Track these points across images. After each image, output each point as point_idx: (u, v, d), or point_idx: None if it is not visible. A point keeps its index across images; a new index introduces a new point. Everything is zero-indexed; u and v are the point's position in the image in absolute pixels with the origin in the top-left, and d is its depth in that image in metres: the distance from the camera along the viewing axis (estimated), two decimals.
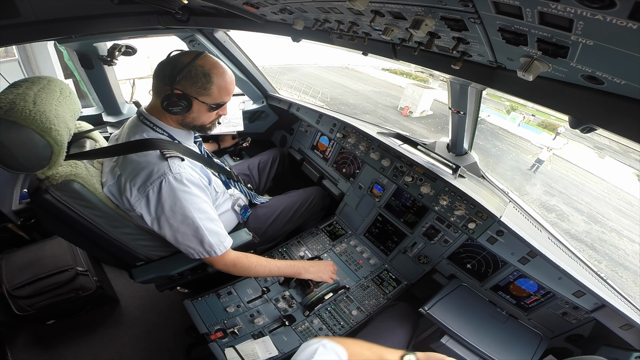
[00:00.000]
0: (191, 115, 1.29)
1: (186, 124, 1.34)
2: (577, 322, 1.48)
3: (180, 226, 1.24)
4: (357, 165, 2.26)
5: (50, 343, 1.91)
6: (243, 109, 2.59)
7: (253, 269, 1.48)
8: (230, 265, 1.41)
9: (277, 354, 1.50)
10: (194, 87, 1.21)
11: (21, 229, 2.01)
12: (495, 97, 23.15)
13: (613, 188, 18.84)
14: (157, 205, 1.20)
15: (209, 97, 1.25)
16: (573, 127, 0.77)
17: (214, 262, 1.38)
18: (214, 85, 1.24)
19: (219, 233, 1.33)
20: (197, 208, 1.25)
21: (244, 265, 1.44)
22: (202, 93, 1.23)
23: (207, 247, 1.29)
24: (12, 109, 0.94)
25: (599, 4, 0.34)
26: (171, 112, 1.23)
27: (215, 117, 1.37)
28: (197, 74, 1.20)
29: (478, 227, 1.62)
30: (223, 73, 1.26)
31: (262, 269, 1.50)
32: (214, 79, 1.23)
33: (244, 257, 1.46)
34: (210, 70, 1.22)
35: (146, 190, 1.18)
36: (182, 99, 1.21)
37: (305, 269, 1.65)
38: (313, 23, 1.09)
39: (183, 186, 1.21)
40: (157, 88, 1.26)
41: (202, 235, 1.26)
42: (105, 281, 2.16)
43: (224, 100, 1.31)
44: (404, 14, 0.69)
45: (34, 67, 3.78)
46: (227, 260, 1.39)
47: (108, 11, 1.46)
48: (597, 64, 0.51)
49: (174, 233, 1.25)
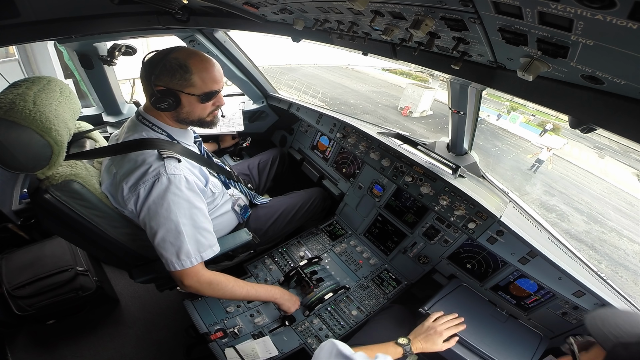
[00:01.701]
0: (184, 110, 1.27)
1: (182, 119, 1.31)
2: (577, 322, 1.48)
3: (160, 229, 1.18)
4: (357, 165, 2.26)
5: (50, 343, 1.91)
6: (243, 109, 2.59)
7: (229, 290, 1.37)
8: (205, 282, 1.28)
9: (277, 354, 1.50)
10: (174, 80, 1.19)
11: (21, 229, 2.01)
12: (495, 97, 23.16)
13: (613, 188, 18.86)
14: (143, 203, 1.18)
15: (194, 88, 1.22)
16: (573, 127, 0.77)
17: (186, 276, 1.23)
18: (194, 75, 1.20)
19: (200, 242, 1.24)
20: (183, 213, 1.19)
21: (220, 283, 1.33)
22: (184, 85, 1.20)
23: (183, 256, 1.19)
24: (12, 109, 0.94)
25: (599, 4, 0.34)
26: (160, 109, 1.22)
27: (212, 109, 1.33)
28: (173, 66, 1.18)
29: (478, 227, 1.62)
30: (202, 61, 1.22)
31: (239, 289, 1.41)
32: (192, 69, 1.19)
33: (222, 277, 1.35)
34: (186, 60, 1.19)
35: (137, 189, 1.17)
36: (167, 95, 1.19)
37: (281, 295, 1.59)
38: (313, 23, 1.09)
39: (174, 188, 1.18)
40: (144, 89, 1.27)
41: (182, 242, 1.19)
42: (105, 281, 2.16)
43: (211, 89, 1.26)
44: (404, 14, 0.69)
45: (34, 67, 3.78)
46: (201, 276, 1.27)
47: (108, 11, 1.45)
48: (597, 64, 0.51)
49: (154, 235, 1.20)
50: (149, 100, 1.24)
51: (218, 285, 1.33)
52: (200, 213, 1.26)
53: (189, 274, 1.24)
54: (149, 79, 1.19)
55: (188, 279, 1.24)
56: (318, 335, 1.63)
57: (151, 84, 1.18)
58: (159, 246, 1.20)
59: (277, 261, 1.96)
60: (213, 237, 1.32)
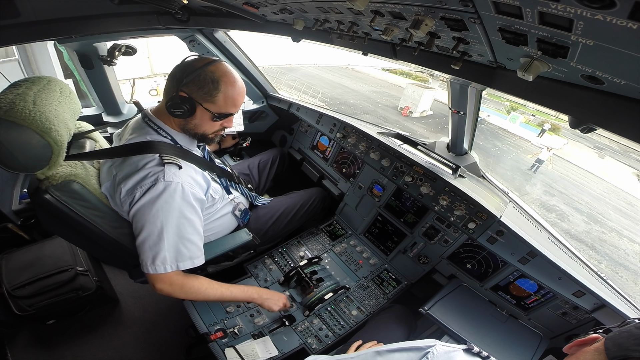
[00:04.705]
0: (193, 122, 1.27)
1: (188, 129, 1.31)
2: (577, 322, 1.48)
3: (143, 231, 1.18)
4: (357, 165, 2.26)
5: (50, 343, 1.91)
6: (243, 109, 2.59)
7: (203, 292, 1.36)
8: (178, 285, 1.27)
9: (277, 354, 1.50)
10: (200, 92, 1.20)
11: (21, 229, 2.01)
12: (495, 97, 23.16)
13: (613, 188, 18.85)
14: (135, 204, 1.18)
15: (214, 105, 1.23)
16: (573, 127, 0.77)
17: (158, 281, 1.24)
18: (221, 93, 1.21)
19: (180, 252, 1.23)
20: (170, 221, 1.19)
21: (193, 286, 1.32)
22: (207, 99, 1.21)
23: (158, 262, 1.20)
24: (12, 109, 0.94)
25: (599, 4, 0.34)
26: (173, 114, 1.21)
27: (218, 128, 1.34)
28: (206, 79, 1.19)
29: (478, 227, 1.62)
30: (233, 83, 1.24)
31: (212, 292, 1.39)
32: (221, 87, 1.21)
33: (194, 279, 1.35)
34: (220, 77, 1.21)
35: (134, 192, 1.17)
36: (185, 102, 1.19)
37: (259, 295, 1.54)
38: (313, 23, 1.09)
39: (167, 196, 1.17)
40: (166, 89, 1.26)
41: (160, 249, 1.19)
42: (105, 281, 2.16)
43: (229, 111, 1.28)
44: (404, 14, 0.69)
45: (34, 67, 3.78)
46: (174, 279, 1.26)
47: (108, 11, 1.45)
48: (597, 64, 0.51)
49: (137, 235, 1.21)
50: (165, 101, 1.23)
51: (190, 289, 1.32)
52: (189, 224, 1.24)
53: (161, 279, 1.24)
54: (178, 82, 1.18)
55: (160, 283, 1.25)
56: (318, 335, 1.63)
57: (177, 87, 1.19)
58: (139, 247, 1.21)
59: (277, 261, 1.96)
60: (198, 250, 1.30)
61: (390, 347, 0.81)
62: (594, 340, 0.62)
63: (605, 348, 0.57)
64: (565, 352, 0.68)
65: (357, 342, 1.40)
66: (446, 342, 0.78)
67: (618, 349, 0.55)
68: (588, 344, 0.62)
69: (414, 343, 0.79)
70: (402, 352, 0.78)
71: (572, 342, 0.66)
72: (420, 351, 0.75)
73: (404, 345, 0.80)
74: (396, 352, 0.79)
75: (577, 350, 0.64)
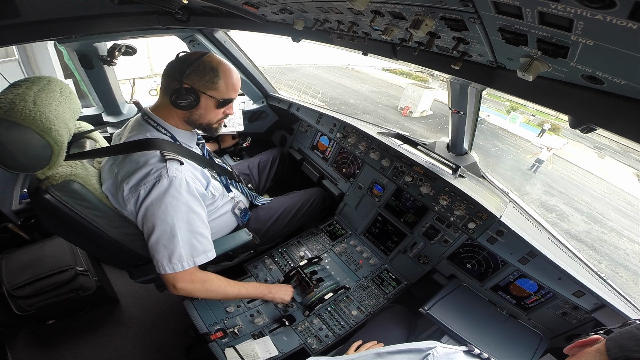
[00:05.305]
0: (198, 112, 1.30)
1: (192, 121, 1.33)
2: (577, 322, 1.48)
3: (155, 231, 1.18)
4: (357, 165, 2.26)
5: (50, 343, 1.91)
6: (243, 109, 2.59)
7: (223, 289, 1.38)
8: (199, 282, 1.29)
9: (277, 354, 1.50)
10: (202, 81, 1.24)
11: (21, 229, 2.01)
12: (495, 97, 23.16)
13: (613, 188, 18.85)
14: (142, 203, 1.19)
15: (217, 92, 1.27)
16: (573, 127, 0.77)
17: (178, 280, 1.24)
18: (222, 80, 1.27)
19: (195, 247, 1.24)
20: (180, 217, 1.19)
21: (213, 284, 1.34)
22: (209, 87, 1.26)
23: (175, 260, 1.20)
24: (12, 109, 0.94)
25: (599, 4, 0.34)
26: (179, 105, 1.23)
27: (222, 116, 1.38)
28: (205, 68, 1.24)
29: (478, 227, 1.62)
30: (229, 69, 1.30)
31: (231, 289, 1.42)
32: (220, 74, 1.26)
33: (214, 278, 1.37)
34: (218, 65, 1.27)
35: (138, 190, 1.18)
36: (190, 93, 1.23)
37: (269, 290, 1.60)
38: (313, 23, 1.09)
39: (174, 191, 1.18)
40: (165, 86, 1.28)
41: (175, 246, 1.19)
42: (105, 281, 2.16)
43: (230, 97, 1.33)
44: (404, 14, 0.69)
45: (34, 67, 3.78)
46: (195, 277, 1.28)
47: (108, 11, 1.45)
48: (597, 64, 0.51)
49: (148, 236, 1.20)
50: (166, 98, 1.25)
51: (211, 286, 1.34)
52: (197, 218, 1.26)
53: (181, 277, 1.24)
54: (180, 74, 1.21)
55: (180, 282, 1.24)
56: (318, 335, 1.63)
57: (177, 80, 1.21)
58: (152, 248, 1.21)
59: (277, 261, 1.96)
60: (209, 242, 1.32)
61: (390, 348, 0.81)
62: (595, 341, 0.62)
63: (607, 349, 0.57)
64: (565, 353, 0.68)
65: (357, 342, 1.41)
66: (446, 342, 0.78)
67: (619, 350, 0.55)
68: (589, 345, 0.62)
69: (414, 345, 0.79)
70: (403, 354, 0.78)
71: (573, 343, 0.66)
72: (420, 353, 0.75)
73: (404, 347, 0.80)
74: (396, 353, 0.79)
75: (578, 351, 0.64)
